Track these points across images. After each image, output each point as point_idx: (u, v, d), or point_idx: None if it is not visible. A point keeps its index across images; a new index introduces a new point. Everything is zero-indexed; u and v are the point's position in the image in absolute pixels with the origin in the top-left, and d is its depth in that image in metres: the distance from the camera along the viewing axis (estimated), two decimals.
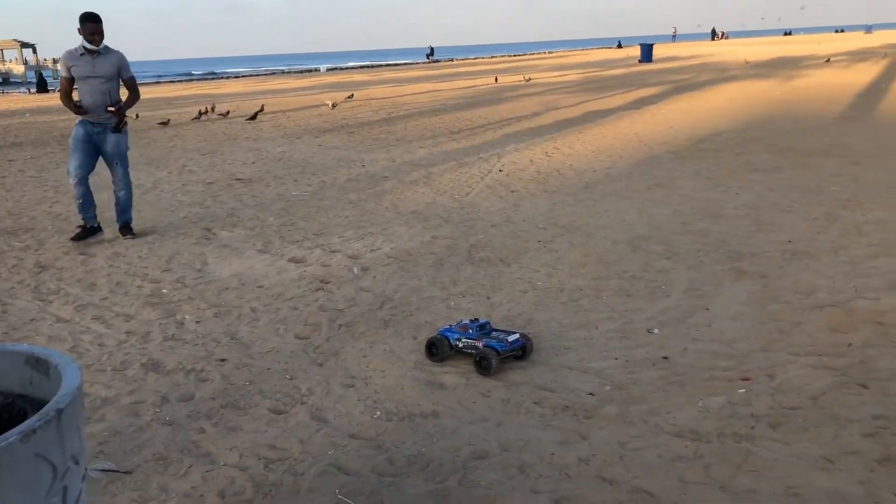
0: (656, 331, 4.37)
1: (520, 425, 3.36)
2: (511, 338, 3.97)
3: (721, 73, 26.65)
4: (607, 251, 5.97)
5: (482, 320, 4.13)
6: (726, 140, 11.40)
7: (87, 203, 6.86)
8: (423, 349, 4.19)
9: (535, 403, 3.54)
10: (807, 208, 7.03)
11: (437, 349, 4.07)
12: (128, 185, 7.05)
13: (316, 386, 3.84)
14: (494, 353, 3.86)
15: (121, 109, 6.75)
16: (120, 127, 6.84)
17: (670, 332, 4.33)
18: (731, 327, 4.37)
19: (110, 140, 6.81)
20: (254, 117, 17.41)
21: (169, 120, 17.66)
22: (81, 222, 6.97)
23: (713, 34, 74.70)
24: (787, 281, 5.09)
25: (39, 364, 1.67)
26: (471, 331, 4.05)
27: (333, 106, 19.15)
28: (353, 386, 3.82)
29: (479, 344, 3.95)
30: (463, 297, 5.09)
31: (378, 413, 3.53)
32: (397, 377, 3.90)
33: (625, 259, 5.75)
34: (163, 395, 3.79)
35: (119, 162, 6.92)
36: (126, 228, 7.06)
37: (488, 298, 5.02)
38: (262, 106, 19.64)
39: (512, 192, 8.41)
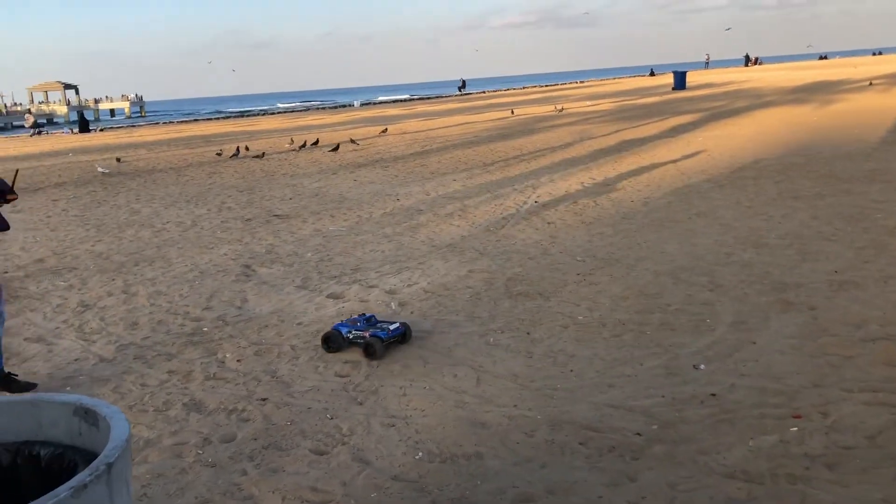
0: (703, 366, 4.27)
1: (565, 466, 3.29)
2: (392, 326, 4.75)
3: (757, 99, 26.42)
4: (649, 284, 5.88)
5: (368, 315, 4.93)
6: (766, 167, 11.24)
7: None
8: (464, 385, 4.15)
9: (581, 444, 3.47)
10: (852, 236, 6.87)
11: (333, 342, 4.78)
12: None
13: (357, 425, 3.81)
14: (378, 341, 4.61)
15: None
16: None
17: (717, 368, 4.23)
18: (779, 361, 4.25)
19: None
20: (336, 149, 18.06)
21: (222, 151, 18.40)
22: None
23: (746, 60, 74.25)
24: (835, 313, 4.96)
25: (88, 415, 1.67)
26: (359, 323, 4.81)
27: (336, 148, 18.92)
28: (393, 426, 3.79)
29: (366, 334, 4.68)
30: (501, 332, 5.04)
31: (420, 454, 3.48)
32: (438, 416, 3.85)
33: (667, 292, 5.66)
34: (205, 436, 3.79)
35: None
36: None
37: (528, 334, 4.97)
38: (342, 140, 20.02)
39: (548, 223, 8.37)
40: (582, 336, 4.86)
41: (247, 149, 19.11)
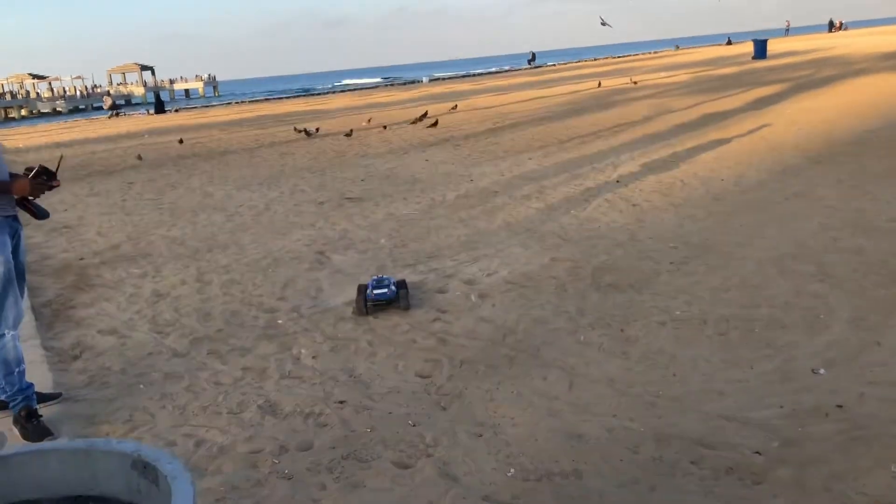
0: (822, 371, 3.83)
1: (677, 490, 2.93)
2: (377, 291, 5.23)
3: (846, 68, 24.92)
4: (751, 274, 5.41)
5: (384, 277, 5.44)
6: (866, 141, 10.44)
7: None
8: (556, 390, 3.83)
9: (693, 463, 3.10)
10: None
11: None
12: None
13: (441, 435, 3.52)
14: (362, 300, 5.24)
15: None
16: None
17: (840, 373, 3.79)
18: None
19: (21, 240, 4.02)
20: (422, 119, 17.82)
21: (306, 130, 18.46)
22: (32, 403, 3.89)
23: (830, 25, 70.62)
24: None
25: (148, 470, 1.41)
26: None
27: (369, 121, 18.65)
28: (481, 436, 3.49)
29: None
30: (592, 328, 4.67)
31: (512, 470, 3.17)
32: (530, 426, 3.53)
33: (773, 282, 5.18)
34: (281, 443, 3.57)
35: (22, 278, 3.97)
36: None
37: (621, 331, 4.59)
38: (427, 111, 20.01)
39: (633, 205, 7.91)
40: (682, 334, 4.45)
41: (316, 130, 19.01)
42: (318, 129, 19.02)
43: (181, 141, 18.88)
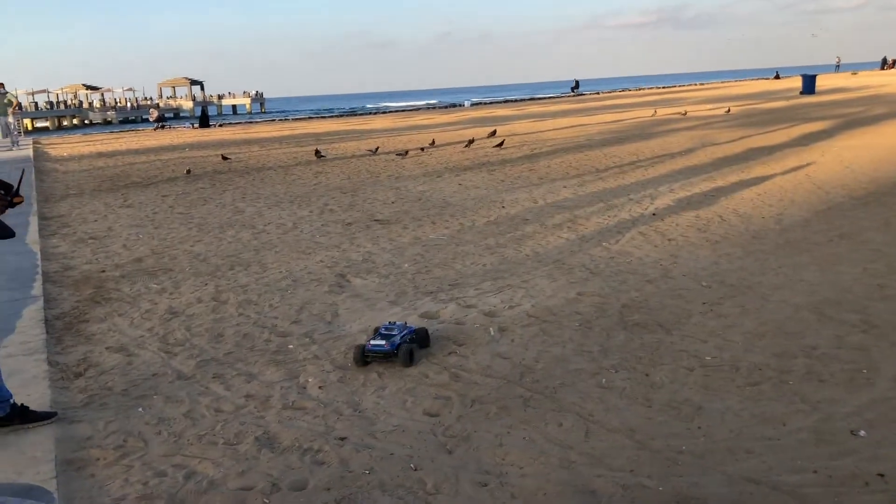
0: (863, 433, 3.51)
1: None
2: (374, 343, 4.65)
3: None
4: (788, 319, 5.09)
5: (395, 325, 4.86)
6: None
7: None
8: (571, 438, 3.57)
9: None
10: None
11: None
12: None
13: (443, 482, 3.28)
14: (360, 349, 4.68)
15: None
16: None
17: (882, 437, 3.47)
18: None
19: None
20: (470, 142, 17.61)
21: (377, 148, 18.21)
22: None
23: (883, 63, 69.18)
24: None
25: None
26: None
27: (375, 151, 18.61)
28: (486, 485, 3.24)
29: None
30: (616, 371, 4.40)
31: None
32: (539, 477, 3.28)
33: (811, 330, 4.86)
34: (273, 481, 3.36)
35: None
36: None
37: (647, 375, 4.31)
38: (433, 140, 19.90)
39: (668, 240, 7.61)
40: (711, 383, 4.16)
41: (376, 150, 18.95)
42: (377, 149, 18.95)
43: (224, 157, 18.85)
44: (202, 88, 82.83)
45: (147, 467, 3.54)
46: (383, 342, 4.63)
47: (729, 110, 26.56)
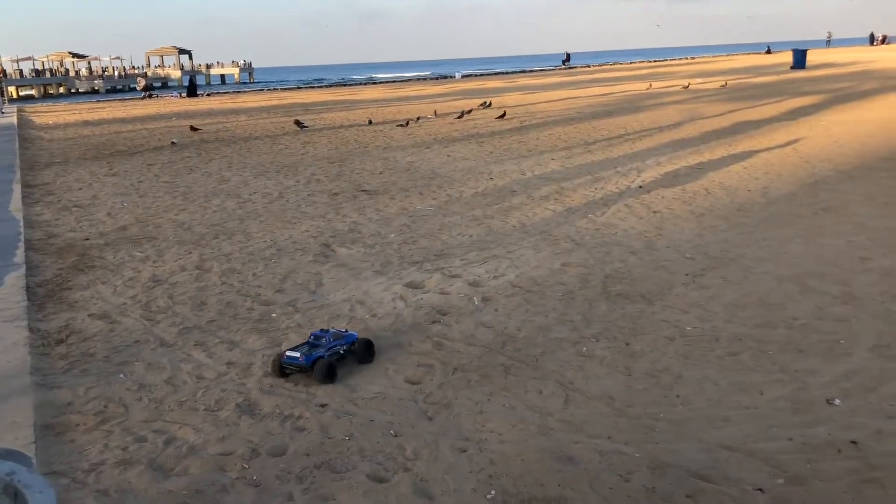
0: (838, 401, 3.55)
1: None
2: (289, 353, 4.09)
3: (887, 81, 24.26)
4: (770, 291, 5.12)
5: (327, 332, 4.27)
6: None
7: None
8: (550, 406, 3.60)
9: (688, 497, 2.85)
10: None
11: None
12: None
13: (423, 448, 3.30)
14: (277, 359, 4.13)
15: None
16: None
17: (857, 405, 3.51)
18: None
19: None
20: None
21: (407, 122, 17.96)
22: None
23: (871, 39, 69.05)
24: None
25: (18, 499, 1.22)
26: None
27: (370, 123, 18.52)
28: (465, 451, 3.26)
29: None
30: (596, 340, 4.42)
31: (493, 492, 2.95)
32: (517, 443, 3.30)
33: (792, 302, 4.89)
34: (253, 447, 3.37)
35: None
36: None
37: (627, 345, 4.33)
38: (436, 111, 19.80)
39: (654, 212, 7.62)
40: (691, 352, 4.19)
41: (369, 122, 18.80)
42: (370, 122, 18.76)
43: (193, 128, 18.28)
44: (190, 57, 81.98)
45: (127, 433, 3.54)
46: (298, 355, 4.05)
47: (725, 84, 26.53)
